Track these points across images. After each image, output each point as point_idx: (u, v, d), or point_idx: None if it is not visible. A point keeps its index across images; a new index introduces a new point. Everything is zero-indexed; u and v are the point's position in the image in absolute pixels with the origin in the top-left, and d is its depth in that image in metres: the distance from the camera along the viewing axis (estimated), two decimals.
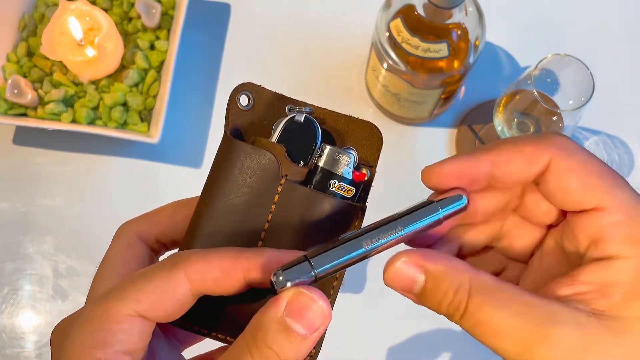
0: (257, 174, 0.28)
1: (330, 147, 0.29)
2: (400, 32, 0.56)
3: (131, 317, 0.25)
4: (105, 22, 0.64)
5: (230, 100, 0.30)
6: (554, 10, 0.74)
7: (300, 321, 0.24)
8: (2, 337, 0.61)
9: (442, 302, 0.25)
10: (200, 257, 0.26)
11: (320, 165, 0.29)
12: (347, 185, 0.29)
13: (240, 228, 0.28)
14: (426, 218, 0.27)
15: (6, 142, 0.67)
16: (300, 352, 0.24)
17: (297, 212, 0.28)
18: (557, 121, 0.58)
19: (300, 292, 0.24)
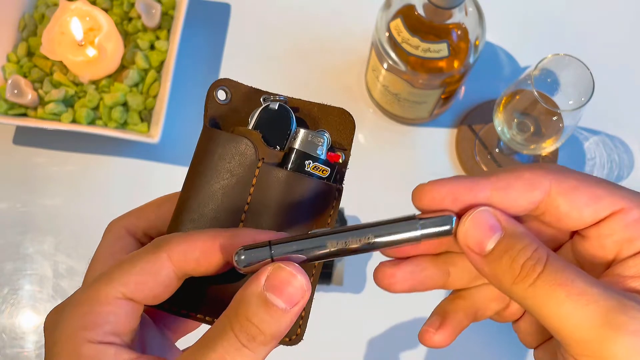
0: (235, 159, 0.30)
1: (304, 129, 0.30)
2: (400, 32, 0.56)
3: (118, 299, 0.26)
4: (105, 22, 0.64)
5: (208, 95, 0.31)
6: (554, 10, 0.74)
7: (280, 295, 0.24)
8: (2, 337, 0.61)
9: (518, 259, 0.24)
10: (181, 238, 0.27)
11: (296, 147, 0.30)
12: (322, 166, 0.30)
13: (221, 212, 0.30)
14: (402, 233, 0.26)
15: (6, 142, 0.67)
16: (280, 326, 0.24)
17: (275, 193, 0.30)
18: (557, 121, 0.58)
19: (279, 267, 0.25)
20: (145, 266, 0.26)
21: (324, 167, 0.30)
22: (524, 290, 0.24)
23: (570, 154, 0.68)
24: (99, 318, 0.25)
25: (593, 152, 0.68)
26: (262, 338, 0.24)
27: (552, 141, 0.59)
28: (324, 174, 0.30)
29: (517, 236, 0.25)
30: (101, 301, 0.26)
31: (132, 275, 0.26)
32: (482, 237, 0.25)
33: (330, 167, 0.31)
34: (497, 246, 0.25)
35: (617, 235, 0.26)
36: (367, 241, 0.26)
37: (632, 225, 0.26)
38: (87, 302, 0.26)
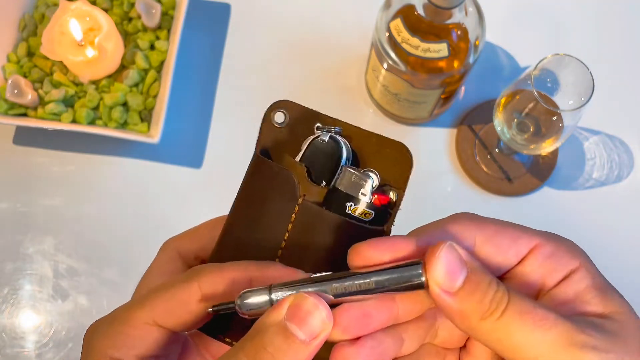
0: (277, 192, 0.29)
1: (349, 169, 0.29)
2: (400, 32, 0.56)
3: (147, 324, 0.27)
4: (105, 22, 0.64)
5: (265, 118, 0.30)
6: (554, 10, 0.74)
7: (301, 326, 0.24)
8: (2, 337, 0.61)
9: (487, 295, 0.24)
10: (213, 269, 0.27)
11: (338, 188, 0.29)
12: (364, 209, 0.29)
13: (260, 245, 0.29)
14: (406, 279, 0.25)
15: (6, 142, 0.67)
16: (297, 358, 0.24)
17: (313, 232, 0.29)
18: (557, 121, 0.58)
19: (302, 297, 0.24)
20: (175, 293, 0.27)
21: (367, 211, 0.29)
22: (492, 324, 0.24)
23: (570, 154, 0.68)
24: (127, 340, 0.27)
25: (593, 152, 0.68)
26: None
27: (552, 141, 0.59)
28: (366, 217, 0.29)
29: (482, 271, 0.25)
30: (132, 324, 0.27)
31: (162, 302, 0.27)
32: (452, 273, 0.25)
33: (374, 210, 0.29)
34: (466, 283, 0.25)
35: (539, 270, 0.27)
36: (368, 287, 0.25)
37: (549, 259, 0.27)
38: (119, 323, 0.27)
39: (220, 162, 0.67)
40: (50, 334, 0.61)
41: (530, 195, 0.66)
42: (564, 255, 0.27)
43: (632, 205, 0.67)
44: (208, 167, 0.67)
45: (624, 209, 0.67)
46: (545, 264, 0.27)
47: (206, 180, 0.66)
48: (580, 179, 0.67)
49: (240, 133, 0.68)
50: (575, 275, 0.27)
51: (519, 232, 0.27)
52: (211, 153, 0.67)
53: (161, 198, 0.66)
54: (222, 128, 0.68)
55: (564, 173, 0.67)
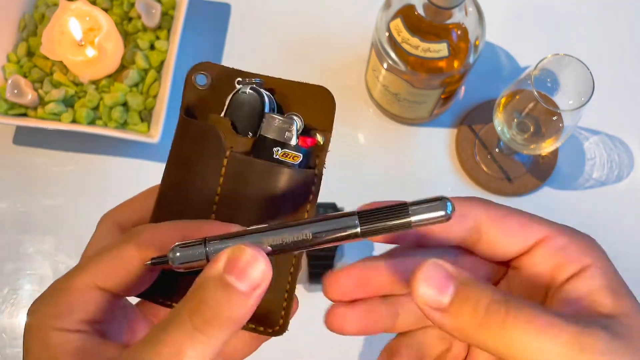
0: (205, 149, 0.29)
1: (272, 115, 0.29)
2: (400, 32, 0.56)
3: (89, 287, 0.26)
4: (105, 22, 0.64)
5: (186, 81, 0.30)
6: (554, 11, 0.74)
7: (241, 278, 0.23)
8: (2, 337, 0.61)
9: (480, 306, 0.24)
10: (149, 229, 0.27)
11: (263, 135, 0.29)
12: (292, 152, 0.29)
13: (194, 203, 0.29)
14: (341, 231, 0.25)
15: (6, 142, 0.67)
16: (240, 310, 0.23)
17: (245, 183, 0.29)
18: (557, 121, 0.58)
19: (240, 248, 0.24)
20: (114, 255, 0.27)
21: (295, 154, 0.29)
22: (494, 334, 0.24)
23: (570, 154, 0.68)
24: (68, 307, 0.26)
25: (593, 152, 0.68)
26: (217, 321, 0.23)
27: (552, 141, 0.59)
28: (294, 160, 0.29)
29: (472, 282, 0.24)
30: (72, 290, 0.26)
31: (101, 265, 0.27)
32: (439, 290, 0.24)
33: (302, 153, 0.29)
34: (455, 297, 0.24)
35: (547, 263, 0.27)
36: (305, 237, 0.25)
37: (559, 252, 0.27)
38: (58, 292, 0.27)
39: None
40: None
41: (530, 195, 0.66)
42: (576, 250, 0.27)
43: (632, 205, 0.67)
44: None
45: (624, 209, 0.67)
46: (555, 256, 0.27)
47: None
48: (580, 179, 0.67)
49: None
50: (587, 272, 0.26)
51: (529, 220, 0.27)
52: None
53: None
54: None
55: (564, 173, 0.67)
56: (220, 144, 0.29)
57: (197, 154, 0.30)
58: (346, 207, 0.63)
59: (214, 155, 0.29)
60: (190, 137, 0.30)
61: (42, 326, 0.26)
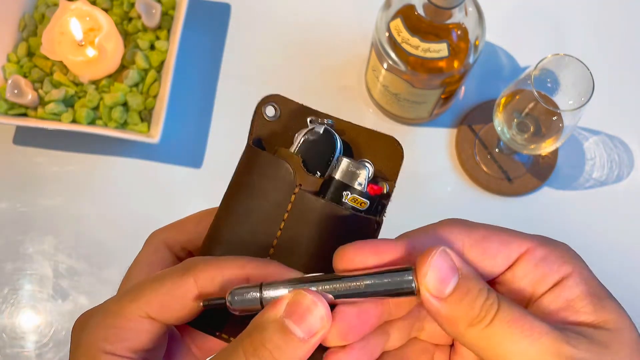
0: (273, 182, 0.29)
1: (345, 159, 0.29)
2: (400, 32, 0.56)
3: (141, 317, 0.26)
4: (105, 22, 0.64)
5: (256, 111, 0.30)
6: (554, 10, 0.74)
7: (299, 324, 0.23)
8: (2, 337, 0.61)
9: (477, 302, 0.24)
10: (210, 263, 0.27)
11: (335, 177, 0.29)
12: (360, 198, 0.29)
13: (254, 236, 0.29)
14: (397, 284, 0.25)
15: (6, 142, 0.67)
16: (295, 356, 0.23)
17: (309, 222, 0.29)
18: (557, 121, 0.58)
19: (301, 293, 0.24)
20: (171, 288, 0.26)
21: (363, 200, 0.29)
22: (480, 332, 0.24)
23: (570, 154, 0.68)
24: (121, 333, 0.26)
25: (593, 152, 0.68)
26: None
27: (552, 141, 0.59)
28: (362, 206, 0.29)
29: (474, 278, 0.25)
30: (125, 317, 0.26)
31: (157, 296, 0.26)
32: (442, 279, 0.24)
33: (370, 200, 0.29)
34: (456, 289, 0.24)
35: (530, 276, 0.27)
36: (359, 290, 0.25)
37: (540, 263, 0.26)
38: (111, 316, 0.27)
39: (220, 162, 0.67)
40: (50, 334, 0.61)
41: (530, 195, 0.66)
42: (555, 260, 0.26)
43: (632, 205, 0.67)
44: (208, 167, 0.67)
45: (624, 208, 0.67)
46: (535, 269, 0.26)
47: (206, 180, 0.66)
48: (580, 179, 0.67)
49: (241, 133, 0.68)
50: (567, 281, 0.26)
51: (509, 236, 0.27)
52: (211, 153, 0.67)
53: (161, 198, 0.66)
54: (222, 128, 0.68)
55: (564, 173, 0.67)
56: (290, 180, 0.29)
57: (264, 186, 0.29)
58: None
59: (281, 189, 0.29)
60: (258, 168, 0.29)
61: (92, 346, 0.26)
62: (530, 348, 0.23)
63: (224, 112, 0.69)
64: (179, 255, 0.32)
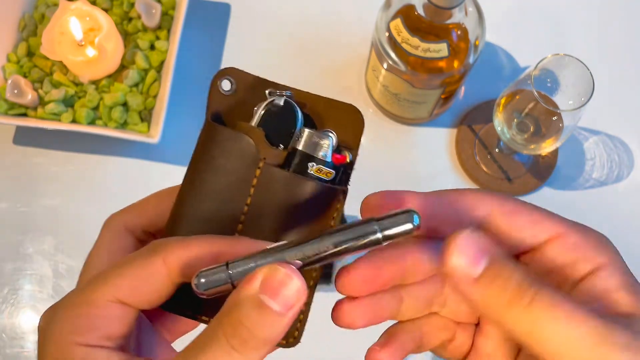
0: (235, 157, 0.28)
1: (308, 130, 0.29)
2: (400, 32, 0.56)
3: (111, 303, 0.25)
4: (105, 22, 0.64)
5: (212, 85, 0.30)
6: (553, 10, 0.74)
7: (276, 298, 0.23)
8: (2, 337, 0.61)
9: (511, 283, 0.23)
10: (177, 244, 0.26)
11: (299, 148, 0.29)
12: (326, 168, 0.29)
13: (220, 213, 0.28)
14: (361, 236, 0.24)
15: (6, 142, 0.67)
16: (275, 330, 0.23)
17: (276, 195, 0.28)
18: (557, 121, 0.58)
19: (275, 268, 0.23)
20: (139, 270, 0.26)
21: (328, 170, 0.29)
22: (519, 313, 0.23)
23: (570, 154, 0.68)
24: (91, 322, 0.25)
25: (593, 152, 0.68)
26: (254, 342, 0.23)
27: (552, 141, 0.59)
28: (327, 176, 0.29)
29: (506, 259, 0.24)
30: (93, 304, 0.25)
31: (126, 280, 0.25)
32: (472, 260, 0.24)
33: (335, 170, 0.29)
34: (487, 270, 0.24)
35: (560, 260, 0.26)
36: (327, 252, 0.24)
37: (573, 249, 0.26)
38: (78, 305, 0.26)
39: None
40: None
41: (530, 195, 0.66)
42: (590, 248, 0.26)
43: (632, 205, 0.67)
44: None
45: (624, 209, 0.67)
46: (568, 254, 0.26)
47: None
48: (580, 179, 0.67)
49: None
50: (602, 271, 0.25)
51: (540, 215, 0.27)
52: None
53: None
54: None
55: (564, 173, 0.67)
56: (253, 154, 0.28)
57: (225, 162, 0.29)
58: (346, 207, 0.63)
59: (245, 164, 0.28)
60: (218, 143, 0.29)
61: (63, 339, 0.25)
62: (572, 332, 0.23)
63: None
64: (141, 238, 0.31)
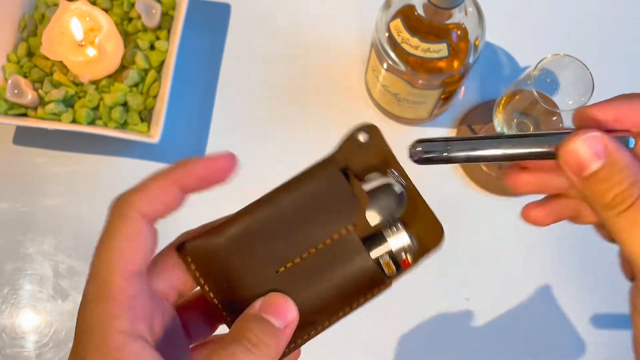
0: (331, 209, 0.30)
1: (404, 231, 0.30)
2: (400, 32, 0.56)
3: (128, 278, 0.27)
4: (105, 22, 0.64)
5: (351, 134, 0.31)
6: (554, 10, 0.74)
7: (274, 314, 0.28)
8: (2, 337, 0.61)
9: (612, 190, 0.26)
10: (138, 191, 0.29)
11: (387, 239, 0.30)
12: (392, 266, 0.30)
13: (276, 244, 0.29)
14: None
15: (6, 142, 0.67)
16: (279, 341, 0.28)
17: (335, 260, 0.29)
18: (557, 121, 0.58)
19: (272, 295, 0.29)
20: (127, 233, 0.27)
21: (394, 268, 0.30)
22: (611, 218, 0.26)
23: None
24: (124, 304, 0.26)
25: None
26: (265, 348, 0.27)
27: None
28: (389, 272, 0.30)
29: (617, 168, 0.26)
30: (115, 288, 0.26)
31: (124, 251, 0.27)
32: (584, 161, 0.26)
33: (397, 269, 0.30)
34: (595, 173, 0.26)
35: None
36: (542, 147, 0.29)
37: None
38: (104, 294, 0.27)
39: None
40: (50, 334, 0.61)
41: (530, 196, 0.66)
42: None
43: None
44: None
45: None
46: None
47: None
48: None
49: (241, 133, 0.68)
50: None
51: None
52: (211, 153, 0.67)
53: None
54: (222, 128, 0.68)
55: None
56: (350, 217, 0.29)
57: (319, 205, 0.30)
58: None
59: (334, 219, 0.29)
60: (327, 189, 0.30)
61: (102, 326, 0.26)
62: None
63: (224, 112, 0.69)
64: None
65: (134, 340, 0.25)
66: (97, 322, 0.26)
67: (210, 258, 0.29)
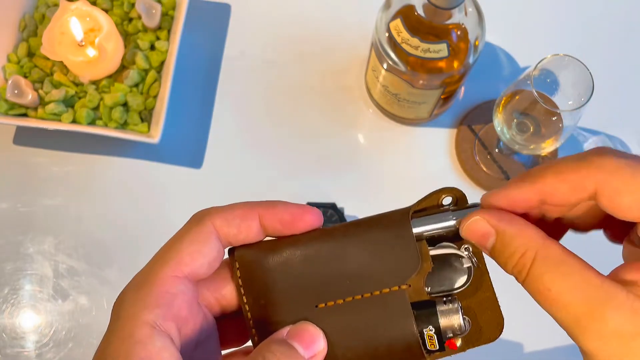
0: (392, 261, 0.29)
1: (459, 307, 0.29)
2: (400, 33, 0.56)
3: (175, 277, 0.28)
4: (105, 22, 0.64)
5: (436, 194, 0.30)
6: (554, 10, 0.74)
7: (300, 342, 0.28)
8: (2, 337, 0.61)
9: (508, 263, 0.27)
10: (221, 208, 0.29)
11: (437, 312, 0.29)
12: (436, 342, 0.29)
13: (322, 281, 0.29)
14: None
15: (6, 142, 0.67)
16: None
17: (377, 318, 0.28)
18: (557, 121, 0.58)
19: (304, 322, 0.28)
20: (195, 238, 0.28)
21: (437, 346, 0.28)
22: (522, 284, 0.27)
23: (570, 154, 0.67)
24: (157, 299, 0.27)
25: None
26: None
27: (552, 141, 0.59)
28: (431, 347, 0.28)
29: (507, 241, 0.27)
30: (159, 282, 0.27)
31: (184, 252, 0.28)
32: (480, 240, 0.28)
33: (440, 347, 0.29)
34: (492, 249, 0.28)
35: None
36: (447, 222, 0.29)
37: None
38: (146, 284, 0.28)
39: (220, 162, 0.67)
40: (50, 334, 0.61)
41: None
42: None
43: None
44: (208, 167, 0.67)
45: None
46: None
47: (206, 180, 0.66)
48: None
49: (241, 133, 0.68)
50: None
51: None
52: (211, 153, 0.67)
53: (161, 198, 0.66)
54: (222, 128, 0.68)
55: None
56: (408, 276, 0.28)
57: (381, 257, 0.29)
58: (346, 208, 0.64)
59: (392, 275, 0.28)
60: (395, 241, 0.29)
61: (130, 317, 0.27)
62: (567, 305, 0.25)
63: (224, 112, 0.69)
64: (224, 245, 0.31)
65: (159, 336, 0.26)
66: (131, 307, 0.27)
67: (257, 271, 0.29)
